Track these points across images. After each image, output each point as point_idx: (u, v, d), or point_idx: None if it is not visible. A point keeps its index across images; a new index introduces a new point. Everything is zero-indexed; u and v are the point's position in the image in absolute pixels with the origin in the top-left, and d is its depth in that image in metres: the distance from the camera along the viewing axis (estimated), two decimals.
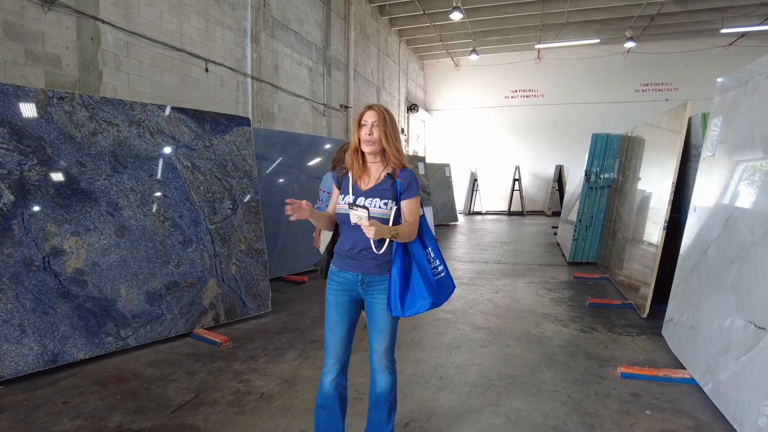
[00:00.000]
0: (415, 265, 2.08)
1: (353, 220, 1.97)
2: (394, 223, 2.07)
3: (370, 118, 2.11)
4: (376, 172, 2.17)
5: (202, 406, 2.85)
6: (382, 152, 2.14)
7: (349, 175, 2.18)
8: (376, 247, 2.06)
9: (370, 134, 2.09)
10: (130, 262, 3.78)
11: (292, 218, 2.05)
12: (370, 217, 1.94)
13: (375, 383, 2.20)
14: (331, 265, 2.23)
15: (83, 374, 3.28)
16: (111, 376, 3.26)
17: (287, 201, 2.04)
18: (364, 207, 1.97)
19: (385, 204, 2.08)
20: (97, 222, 3.65)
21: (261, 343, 3.91)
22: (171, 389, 3.07)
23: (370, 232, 1.93)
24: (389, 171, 2.15)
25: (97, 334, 3.52)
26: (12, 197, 3.25)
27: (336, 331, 2.15)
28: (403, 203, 2.10)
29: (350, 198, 2.10)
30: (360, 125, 2.12)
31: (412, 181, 2.12)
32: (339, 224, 2.20)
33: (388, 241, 2.05)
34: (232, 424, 2.64)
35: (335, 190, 2.24)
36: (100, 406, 2.84)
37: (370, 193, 2.12)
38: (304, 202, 2.06)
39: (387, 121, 2.11)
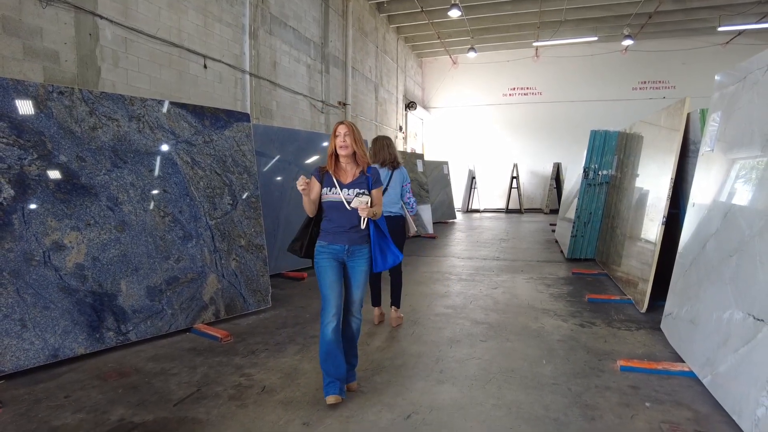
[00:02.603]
0: (387, 235, 2.88)
1: (355, 204, 2.69)
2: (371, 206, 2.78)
3: (342, 130, 2.78)
4: (351, 170, 2.85)
5: (203, 399, 2.86)
6: (353, 155, 2.81)
7: (330, 173, 2.81)
8: (362, 224, 2.76)
9: (344, 141, 2.76)
10: (131, 257, 3.78)
11: (301, 188, 2.70)
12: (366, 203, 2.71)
13: (350, 325, 2.90)
14: (319, 240, 2.84)
15: (84, 369, 3.28)
16: (112, 370, 3.27)
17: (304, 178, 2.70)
18: (367, 194, 2.74)
19: (363, 193, 2.76)
20: (98, 217, 3.64)
21: (262, 338, 3.92)
22: (172, 383, 3.08)
23: (366, 212, 2.67)
24: (360, 170, 2.84)
25: (97, 329, 3.52)
26: (12, 192, 3.25)
27: (334, 287, 2.75)
28: (373, 192, 2.81)
29: (337, 189, 2.77)
30: (335, 136, 2.78)
31: (378, 175, 2.88)
32: (326, 209, 2.82)
33: (366, 219, 2.75)
34: (235, 417, 2.65)
35: (317, 183, 2.82)
36: (102, 399, 2.84)
37: (351, 185, 2.80)
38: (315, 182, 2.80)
39: (355, 131, 2.80)
